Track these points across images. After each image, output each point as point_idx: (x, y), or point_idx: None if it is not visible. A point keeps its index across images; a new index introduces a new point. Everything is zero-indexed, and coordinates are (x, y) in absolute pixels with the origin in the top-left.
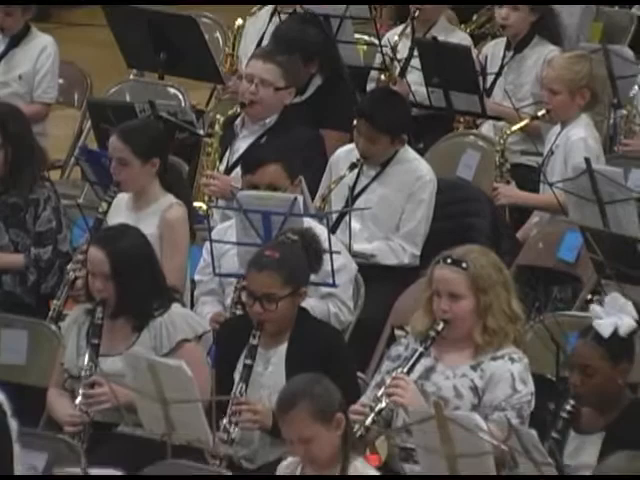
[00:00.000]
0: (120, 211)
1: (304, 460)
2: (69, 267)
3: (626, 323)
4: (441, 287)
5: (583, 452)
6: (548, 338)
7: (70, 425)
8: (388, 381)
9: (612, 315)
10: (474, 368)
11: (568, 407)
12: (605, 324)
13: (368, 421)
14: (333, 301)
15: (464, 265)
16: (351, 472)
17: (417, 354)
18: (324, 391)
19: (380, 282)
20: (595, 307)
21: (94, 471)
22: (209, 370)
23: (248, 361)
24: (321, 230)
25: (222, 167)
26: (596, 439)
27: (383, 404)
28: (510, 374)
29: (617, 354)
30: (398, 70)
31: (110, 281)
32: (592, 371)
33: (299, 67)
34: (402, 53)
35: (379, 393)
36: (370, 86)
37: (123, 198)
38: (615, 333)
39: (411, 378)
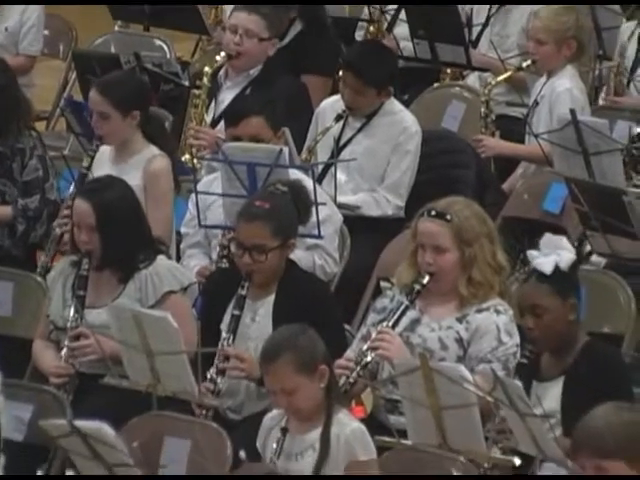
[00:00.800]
0: (103, 164)
1: (287, 411)
2: (55, 223)
3: (565, 257)
4: (425, 240)
5: (545, 399)
6: None
7: (55, 377)
8: (373, 334)
9: (550, 254)
10: (459, 320)
11: (526, 352)
12: (545, 262)
13: (353, 375)
14: (319, 252)
15: (448, 217)
16: (334, 424)
17: (402, 308)
18: (308, 343)
19: (365, 234)
20: (531, 252)
21: (79, 423)
22: (195, 322)
23: (236, 312)
24: (307, 182)
25: (208, 119)
26: (556, 384)
27: (368, 358)
28: (495, 326)
29: (563, 289)
30: (386, 25)
31: (95, 233)
32: (542, 310)
33: (283, 17)
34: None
35: (364, 347)
36: (359, 35)
37: (106, 151)
38: (557, 269)
39: (396, 331)
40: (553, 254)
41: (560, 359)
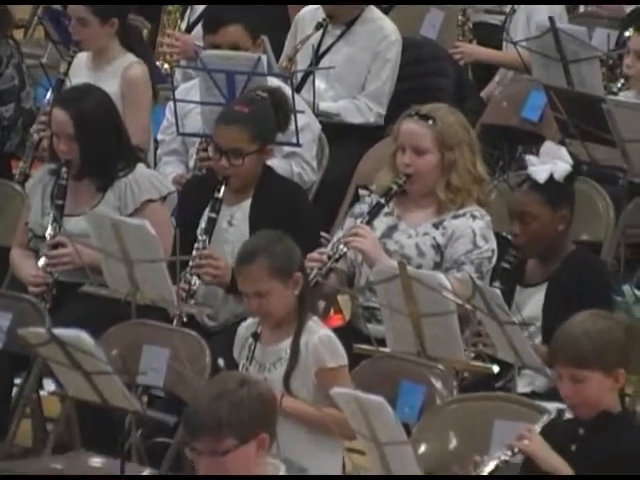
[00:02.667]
0: (80, 71)
1: (259, 315)
2: (33, 129)
3: (561, 168)
4: (406, 141)
5: (528, 304)
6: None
7: (34, 285)
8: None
9: (547, 162)
10: (436, 226)
11: (509, 257)
12: (540, 170)
13: (325, 268)
14: (296, 160)
15: (431, 121)
16: (304, 332)
17: (377, 205)
18: (284, 249)
19: (344, 142)
20: (530, 157)
21: (58, 331)
22: (173, 229)
23: (212, 214)
24: (286, 90)
25: (183, 25)
26: (539, 290)
27: (342, 250)
28: (471, 230)
29: (555, 199)
30: None
31: (74, 142)
32: (531, 218)
33: None
34: None
35: (337, 241)
36: None
37: (83, 58)
38: (551, 179)
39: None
40: (550, 163)
41: (545, 266)
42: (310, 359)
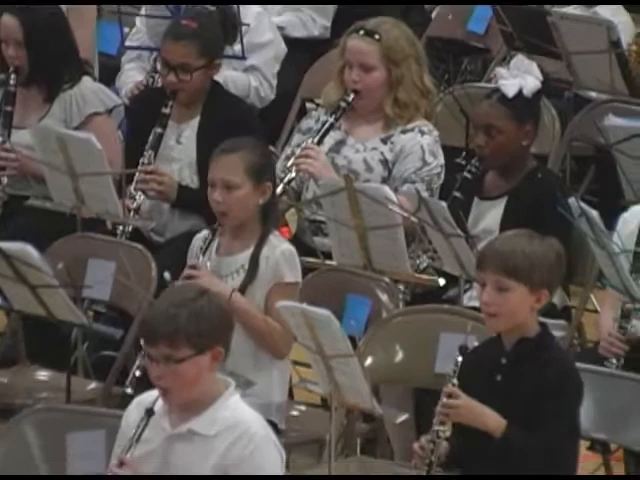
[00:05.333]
0: None
1: (218, 211)
2: None
3: (530, 83)
4: (353, 58)
5: (486, 217)
6: (457, 109)
7: None
8: (298, 152)
9: (517, 76)
10: (384, 141)
11: (472, 168)
12: (509, 84)
13: (277, 191)
14: (255, 75)
15: (377, 36)
16: (266, 246)
17: (327, 124)
18: (265, 156)
19: (290, 56)
20: (500, 69)
21: (3, 244)
22: (120, 144)
23: (159, 129)
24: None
25: None
26: (498, 204)
27: (293, 174)
28: (420, 146)
29: (521, 114)
30: None
31: (23, 48)
32: (496, 131)
33: None
34: None
35: (288, 164)
36: None
37: None
38: (520, 93)
39: (321, 150)
40: (519, 77)
41: (506, 180)
42: (269, 272)
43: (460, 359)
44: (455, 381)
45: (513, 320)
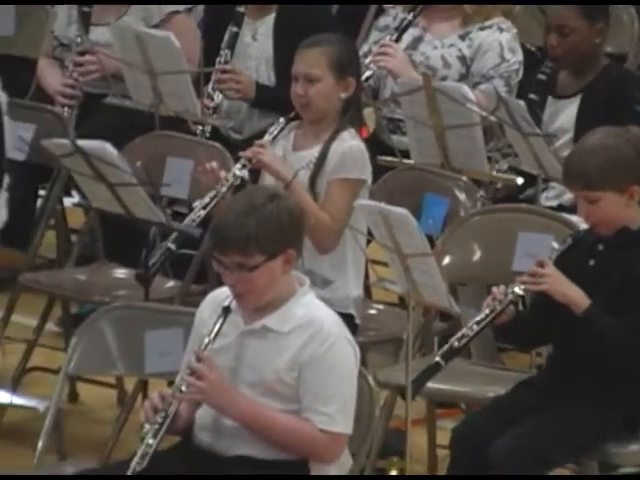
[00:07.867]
0: None
1: (299, 102)
2: None
3: None
4: None
5: (560, 115)
6: (537, 10)
7: (60, 95)
8: (375, 49)
9: None
10: (462, 38)
11: (545, 69)
12: None
13: None
14: None
15: None
16: (338, 139)
17: (405, 21)
18: (348, 51)
19: None
20: None
21: (82, 142)
22: (199, 42)
23: (234, 28)
24: None
25: None
26: (572, 102)
27: (370, 72)
28: (498, 43)
29: (593, 13)
30: None
31: None
32: (569, 30)
33: None
34: None
35: (367, 61)
36: None
37: None
38: None
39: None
40: None
41: (579, 78)
42: (332, 163)
43: (570, 240)
44: (554, 255)
45: (616, 222)
